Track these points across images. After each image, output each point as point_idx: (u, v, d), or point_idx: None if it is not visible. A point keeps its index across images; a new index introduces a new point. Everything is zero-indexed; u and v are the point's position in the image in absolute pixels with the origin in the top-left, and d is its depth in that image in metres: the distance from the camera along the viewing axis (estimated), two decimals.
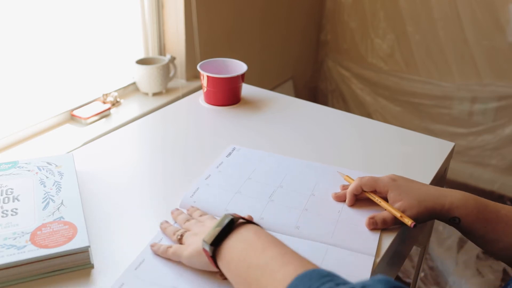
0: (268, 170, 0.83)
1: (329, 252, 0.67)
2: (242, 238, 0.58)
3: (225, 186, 0.79)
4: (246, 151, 0.89)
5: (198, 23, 1.52)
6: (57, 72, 1.30)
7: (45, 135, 1.26)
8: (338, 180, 0.80)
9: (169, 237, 0.68)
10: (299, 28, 2.22)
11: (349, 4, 2.27)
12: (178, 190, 0.79)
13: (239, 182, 0.80)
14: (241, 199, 0.76)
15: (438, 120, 2.22)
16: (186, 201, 0.76)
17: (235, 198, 0.76)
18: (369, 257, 0.65)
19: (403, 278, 1.85)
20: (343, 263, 0.65)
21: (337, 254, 0.66)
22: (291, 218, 0.72)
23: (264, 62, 2.02)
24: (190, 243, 0.63)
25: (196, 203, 0.75)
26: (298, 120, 1.03)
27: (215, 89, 1.07)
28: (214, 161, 0.86)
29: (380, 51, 2.27)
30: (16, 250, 0.60)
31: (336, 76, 2.42)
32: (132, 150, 0.94)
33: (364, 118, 1.05)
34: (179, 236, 0.66)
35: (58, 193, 0.72)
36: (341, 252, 0.67)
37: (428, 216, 0.70)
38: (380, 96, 2.32)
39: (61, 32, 1.28)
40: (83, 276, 0.62)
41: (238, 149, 0.90)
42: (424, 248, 0.99)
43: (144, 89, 1.48)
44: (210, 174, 0.82)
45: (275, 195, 0.77)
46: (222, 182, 0.80)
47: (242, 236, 0.58)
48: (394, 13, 2.17)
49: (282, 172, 0.83)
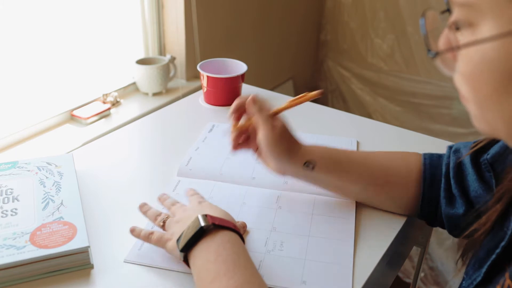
0: None
1: (312, 226, 0.72)
2: (204, 252, 0.57)
3: (215, 153, 0.88)
4: (226, 126, 0.97)
5: (198, 23, 1.52)
6: (57, 72, 1.30)
7: (45, 135, 1.26)
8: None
9: (151, 221, 0.69)
10: (299, 28, 2.22)
11: (349, 4, 2.27)
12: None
13: (226, 150, 0.87)
14: (231, 163, 0.85)
15: (438, 120, 2.22)
16: (183, 170, 0.83)
17: (226, 163, 0.86)
18: (349, 241, 0.69)
19: (403, 278, 1.85)
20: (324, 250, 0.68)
21: (318, 241, 0.69)
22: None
23: (264, 62, 2.02)
24: (172, 232, 0.63)
25: (192, 170, 0.83)
26: (298, 120, 1.03)
27: (215, 89, 1.07)
28: (198, 137, 0.95)
29: (380, 51, 2.27)
30: (15, 250, 0.60)
31: (336, 76, 2.42)
32: (132, 150, 0.94)
33: (364, 118, 1.05)
34: (161, 223, 0.66)
35: (58, 193, 0.72)
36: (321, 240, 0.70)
37: (288, 146, 0.70)
38: (380, 96, 2.32)
39: (61, 32, 1.28)
40: (83, 276, 0.62)
41: (218, 125, 1.00)
42: (424, 248, 0.99)
43: (144, 89, 1.48)
44: (198, 147, 0.91)
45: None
46: (211, 151, 0.89)
47: (204, 250, 0.57)
48: (394, 13, 2.16)
49: None
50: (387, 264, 0.72)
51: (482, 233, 0.54)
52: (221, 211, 0.64)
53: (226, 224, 0.60)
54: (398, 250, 0.78)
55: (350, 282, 0.62)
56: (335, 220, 0.73)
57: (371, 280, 0.64)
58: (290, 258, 0.66)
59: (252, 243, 0.68)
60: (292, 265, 0.65)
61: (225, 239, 0.58)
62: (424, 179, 0.71)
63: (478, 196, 0.64)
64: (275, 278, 0.62)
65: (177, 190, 0.79)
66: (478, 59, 0.36)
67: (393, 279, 0.85)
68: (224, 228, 0.59)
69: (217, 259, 0.56)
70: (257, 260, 0.65)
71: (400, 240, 0.73)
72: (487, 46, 0.35)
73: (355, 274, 0.64)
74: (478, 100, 0.39)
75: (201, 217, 0.59)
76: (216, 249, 0.57)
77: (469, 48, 0.37)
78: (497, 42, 0.34)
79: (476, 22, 0.36)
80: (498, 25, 0.34)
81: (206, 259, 0.56)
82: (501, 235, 0.50)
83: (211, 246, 0.57)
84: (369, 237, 0.70)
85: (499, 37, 0.34)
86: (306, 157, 0.71)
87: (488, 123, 0.40)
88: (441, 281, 1.85)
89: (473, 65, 0.37)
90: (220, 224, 0.59)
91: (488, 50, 0.35)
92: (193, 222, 0.59)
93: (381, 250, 0.68)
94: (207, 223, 0.58)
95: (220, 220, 0.60)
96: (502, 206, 0.52)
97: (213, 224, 0.59)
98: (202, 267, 0.56)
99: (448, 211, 0.68)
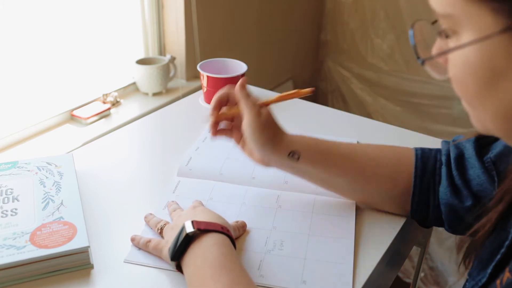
0: None
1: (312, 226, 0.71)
2: (193, 259, 0.58)
3: (215, 153, 0.88)
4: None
5: (198, 23, 1.52)
6: (57, 72, 1.30)
7: (45, 135, 1.26)
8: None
9: (152, 228, 0.69)
10: (299, 28, 2.22)
11: (349, 4, 2.27)
12: None
13: (226, 150, 0.87)
14: (231, 163, 0.85)
15: (438, 120, 2.22)
16: (183, 170, 0.83)
17: (226, 163, 0.85)
18: (350, 241, 0.69)
19: (403, 278, 1.85)
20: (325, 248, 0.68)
21: (319, 240, 0.69)
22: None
23: (264, 62, 2.02)
24: (167, 238, 0.64)
25: (192, 170, 0.83)
26: (298, 120, 1.03)
27: (215, 89, 1.06)
28: (198, 137, 0.95)
29: (380, 51, 2.27)
30: (15, 250, 0.60)
31: (336, 76, 2.42)
32: (132, 150, 0.94)
33: (364, 118, 1.05)
34: (159, 230, 0.67)
35: (58, 193, 0.72)
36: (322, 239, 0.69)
37: (272, 134, 0.69)
38: (380, 96, 2.32)
39: (61, 32, 1.28)
40: (83, 276, 0.62)
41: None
42: (424, 248, 0.99)
43: (144, 89, 1.48)
44: (198, 147, 0.91)
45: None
46: (211, 151, 0.89)
47: (193, 257, 0.58)
48: (394, 13, 2.16)
49: None
50: (387, 264, 0.72)
51: (483, 235, 0.53)
52: (213, 214, 0.64)
53: (212, 227, 0.60)
54: (398, 250, 0.78)
55: (350, 282, 0.62)
56: (335, 219, 0.73)
57: (371, 280, 0.64)
58: (290, 258, 0.66)
59: (252, 243, 0.68)
60: (292, 265, 0.65)
61: (211, 243, 0.58)
62: (416, 169, 0.69)
63: (482, 190, 0.63)
64: (275, 277, 0.62)
65: (177, 191, 0.79)
66: (462, 63, 0.40)
67: (393, 279, 0.85)
68: (211, 232, 0.59)
69: (204, 263, 0.56)
70: (257, 260, 0.65)
71: (400, 240, 0.73)
72: (468, 51, 0.39)
73: (355, 273, 0.64)
74: (467, 100, 0.43)
75: (188, 224, 0.59)
76: (202, 254, 0.57)
77: (454, 54, 0.41)
78: (475, 47, 0.38)
79: (458, 30, 0.40)
80: (475, 31, 0.38)
81: (195, 265, 0.57)
82: (504, 235, 0.50)
83: (198, 251, 0.58)
84: (369, 237, 0.70)
85: (475, 42, 0.38)
86: (291, 147, 0.69)
87: (480, 121, 0.43)
88: (441, 281, 1.85)
89: (458, 69, 0.41)
90: (206, 228, 0.59)
91: (469, 54, 0.39)
92: (180, 230, 0.60)
93: (381, 250, 0.68)
94: (192, 229, 0.59)
95: (206, 224, 0.60)
96: (504, 206, 0.52)
97: (199, 229, 0.59)
98: (192, 274, 0.57)
99: (451, 200, 0.66)
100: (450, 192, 0.66)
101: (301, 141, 0.71)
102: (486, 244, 0.54)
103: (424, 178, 0.69)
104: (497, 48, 0.37)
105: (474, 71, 0.39)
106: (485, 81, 0.39)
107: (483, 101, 0.40)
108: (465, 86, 0.41)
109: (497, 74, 0.38)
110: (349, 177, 0.71)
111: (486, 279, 0.50)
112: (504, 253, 0.49)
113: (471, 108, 0.43)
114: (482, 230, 0.53)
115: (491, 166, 0.63)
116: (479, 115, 0.43)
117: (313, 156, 0.70)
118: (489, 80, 0.39)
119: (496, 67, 0.38)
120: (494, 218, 0.52)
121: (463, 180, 0.66)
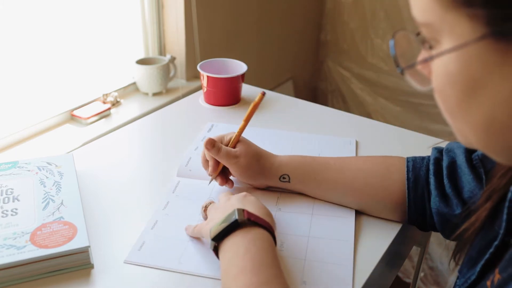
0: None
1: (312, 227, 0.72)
2: (235, 246, 0.58)
3: None
4: (224, 126, 0.99)
5: (198, 23, 1.52)
6: (57, 72, 1.30)
7: (45, 135, 1.26)
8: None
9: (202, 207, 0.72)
10: (299, 28, 2.22)
11: (349, 4, 2.27)
12: None
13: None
14: None
15: (438, 120, 2.22)
16: (182, 170, 0.84)
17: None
18: (349, 243, 0.69)
19: (403, 278, 1.85)
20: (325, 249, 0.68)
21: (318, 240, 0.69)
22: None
23: (264, 62, 2.02)
24: (210, 219, 0.65)
25: (192, 170, 0.83)
26: (298, 120, 1.03)
27: (215, 89, 1.07)
28: (197, 136, 0.95)
29: (380, 51, 2.27)
30: (16, 250, 0.60)
31: (336, 76, 2.42)
32: (132, 150, 0.94)
33: (364, 118, 1.05)
34: (203, 207, 0.70)
35: (58, 193, 0.72)
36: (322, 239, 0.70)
37: (259, 169, 0.75)
38: (380, 96, 2.32)
39: (61, 32, 1.28)
40: (83, 276, 0.62)
41: (217, 125, 1.00)
42: (424, 248, 0.99)
43: (144, 89, 1.48)
44: (198, 146, 0.91)
45: None
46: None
47: (235, 244, 0.58)
48: (394, 13, 2.16)
49: (260, 142, 0.84)
50: (387, 264, 0.72)
51: (472, 232, 0.54)
52: (264, 208, 0.65)
53: (261, 221, 0.61)
54: (398, 250, 0.78)
55: (350, 282, 0.62)
56: (335, 220, 0.73)
57: (371, 280, 0.64)
58: (290, 259, 0.66)
59: None
60: (292, 265, 0.65)
61: (257, 236, 0.59)
62: (408, 181, 0.70)
63: (473, 196, 0.63)
64: None
65: (177, 191, 0.79)
66: (442, 72, 0.39)
67: (393, 279, 0.85)
68: (259, 225, 0.60)
69: (246, 254, 0.56)
70: None
71: (400, 240, 0.73)
72: (447, 60, 0.38)
73: (355, 274, 0.64)
74: (448, 111, 0.41)
75: (238, 211, 0.60)
76: (246, 245, 0.57)
77: (436, 63, 0.39)
78: (454, 56, 0.37)
79: (439, 39, 0.39)
80: (453, 39, 0.37)
81: (236, 253, 0.57)
82: (492, 234, 0.50)
83: (242, 241, 0.58)
84: (369, 237, 0.70)
85: (453, 50, 0.37)
86: (281, 171, 0.75)
87: (460, 132, 0.42)
88: (441, 281, 1.85)
89: (439, 79, 0.40)
90: (255, 220, 0.60)
91: (448, 63, 0.38)
92: (230, 214, 0.60)
93: (381, 250, 0.68)
94: (243, 218, 0.59)
95: (256, 217, 0.60)
96: (491, 205, 0.52)
97: (248, 219, 0.59)
98: (230, 261, 0.57)
99: (442, 209, 0.67)
100: (440, 201, 0.67)
101: (289, 163, 0.76)
102: (475, 242, 0.54)
103: (417, 189, 0.70)
104: (475, 56, 0.36)
105: (454, 81, 0.38)
106: (464, 91, 0.38)
107: (464, 113, 0.39)
108: (445, 96, 0.40)
109: (477, 84, 0.37)
110: (340, 190, 0.74)
111: (475, 277, 0.51)
112: (493, 253, 0.49)
113: (452, 120, 0.42)
114: (471, 228, 0.54)
115: (479, 164, 0.64)
116: (461, 127, 0.41)
117: (302, 176, 0.75)
118: (469, 91, 0.37)
119: (475, 76, 0.37)
120: (483, 216, 0.53)
121: (455, 188, 0.66)
